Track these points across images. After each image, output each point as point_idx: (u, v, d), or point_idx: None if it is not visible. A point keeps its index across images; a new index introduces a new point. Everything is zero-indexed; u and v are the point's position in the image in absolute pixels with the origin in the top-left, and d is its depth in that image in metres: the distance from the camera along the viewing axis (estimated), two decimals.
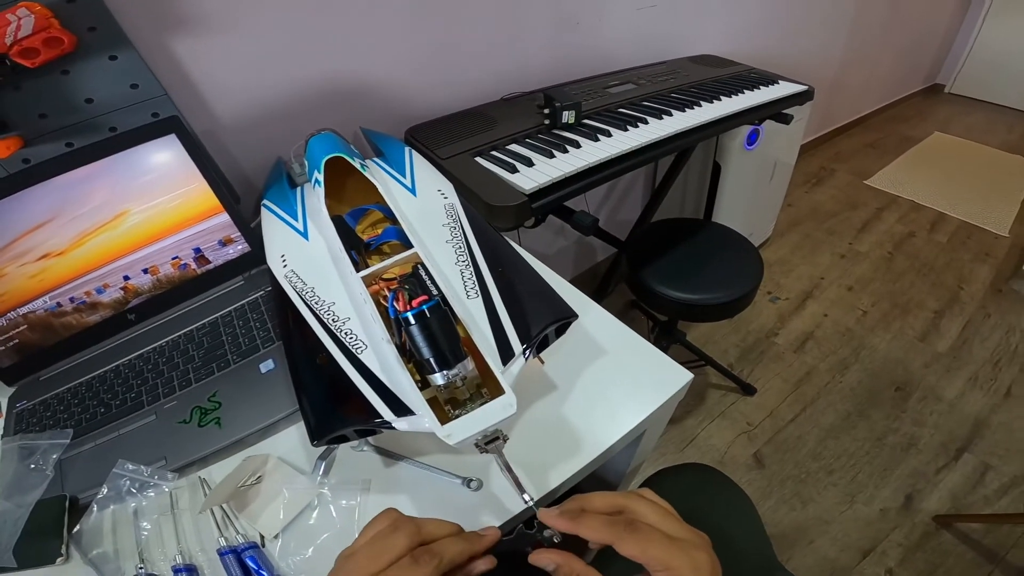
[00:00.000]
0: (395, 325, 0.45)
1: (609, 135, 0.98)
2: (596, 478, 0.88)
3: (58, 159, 0.64)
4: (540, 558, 0.37)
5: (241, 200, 0.86)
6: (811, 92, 1.27)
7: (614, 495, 0.40)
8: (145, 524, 0.55)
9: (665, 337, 1.57)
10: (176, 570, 0.50)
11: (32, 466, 0.60)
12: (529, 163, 0.89)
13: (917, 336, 1.87)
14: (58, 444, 0.63)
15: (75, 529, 0.54)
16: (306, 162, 0.75)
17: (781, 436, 1.58)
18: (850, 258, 2.24)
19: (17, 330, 0.70)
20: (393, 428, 0.43)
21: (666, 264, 1.27)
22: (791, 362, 1.80)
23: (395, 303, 0.43)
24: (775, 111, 1.21)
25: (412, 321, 0.41)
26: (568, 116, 1.01)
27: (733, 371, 1.72)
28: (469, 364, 0.43)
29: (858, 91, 3.02)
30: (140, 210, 0.69)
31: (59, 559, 0.52)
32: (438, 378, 0.42)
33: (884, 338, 1.87)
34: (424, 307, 0.41)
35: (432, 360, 0.41)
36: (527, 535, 0.38)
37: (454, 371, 0.41)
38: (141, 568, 0.51)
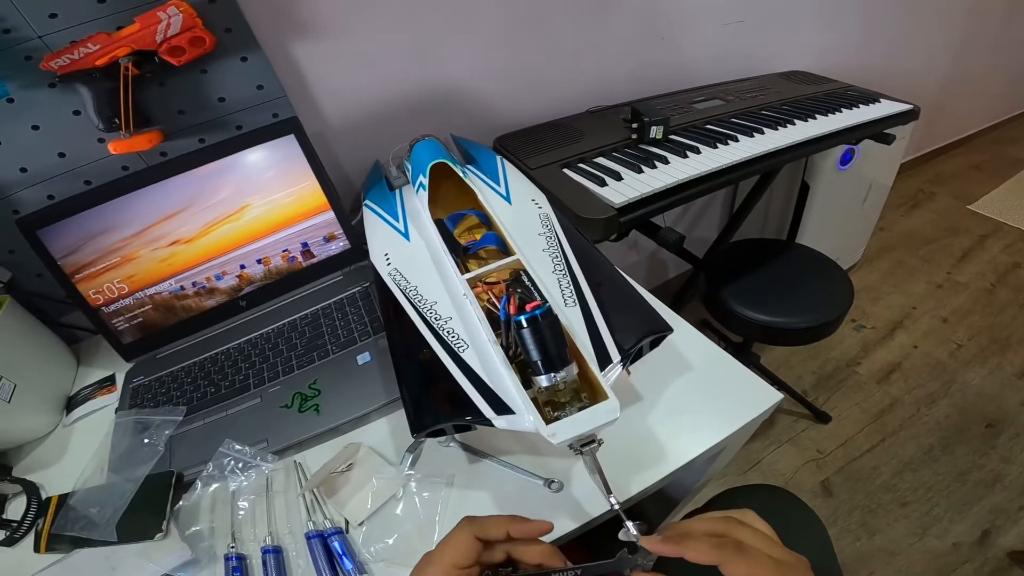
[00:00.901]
0: (503, 327, 0.47)
1: (698, 152, 0.97)
2: (660, 494, 0.88)
3: (193, 154, 0.71)
4: None
5: (340, 199, 0.92)
6: (916, 112, 1.20)
7: (712, 521, 0.40)
8: (243, 503, 0.57)
9: (737, 359, 1.52)
10: (265, 551, 0.52)
11: (146, 441, 0.64)
12: (618, 177, 0.89)
13: (1016, 373, 1.73)
14: (171, 420, 0.66)
15: (177, 505, 0.57)
16: (408, 165, 0.79)
17: (854, 466, 1.51)
18: (947, 288, 2.09)
19: (142, 309, 0.77)
20: (492, 425, 0.45)
21: (746, 284, 1.24)
22: (873, 393, 1.70)
23: (507, 307, 0.45)
24: (876, 131, 1.15)
25: (524, 325, 0.42)
26: (656, 131, 1.01)
27: (807, 398, 1.65)
28: (574, 369, 0.44)
29: (964, 109, 2.81)
30: (260, 204, 0.75)
31: (158, 535, 0.53)
32: (543, 380, 0.43)
33: (979, 373, 1.74)
34: (537, 312, 0.43)
35: (540, 363, 0.43)
36: (627, 559, 0.39)
37: (561, 374, 0.43)
38: (232, 547, 0.53)
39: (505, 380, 0.46)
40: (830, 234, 1.74)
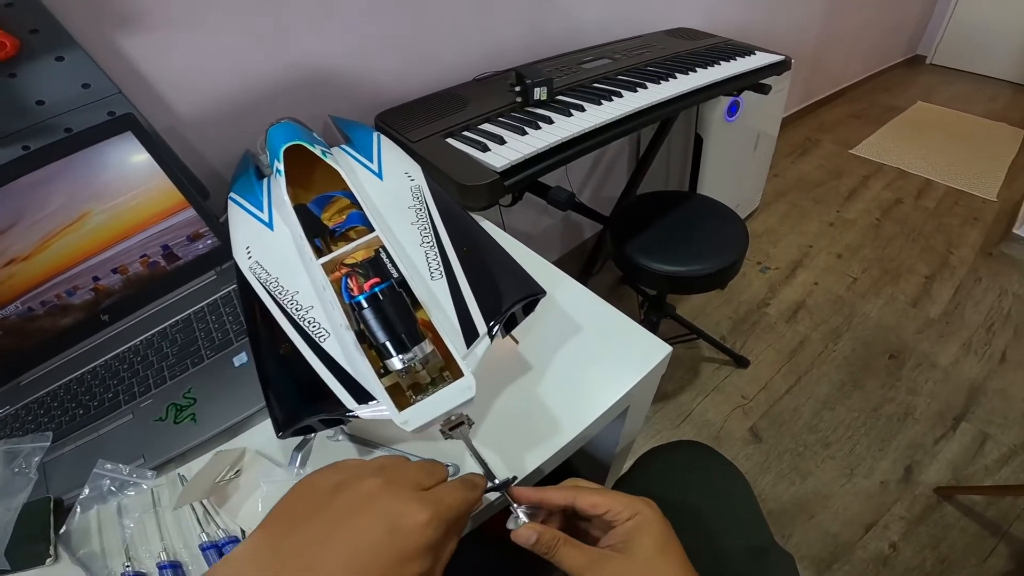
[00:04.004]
0: (350, 310, 0.44)
1: (583, 110, 0.97)
2: (587, 456, 0.88)
3: (14, 163, 0.63)
4: (520, 535, 0.39)
5: (211, 195, 0.85)
6: (788, 62, 1.25)
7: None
8: (128, 523, 0.55)
9: (655, 312, 1.56)
10: (161, 567, 0.50)
11: (16, 470, 0.61)
12: (501, 141, 0.87)
13: (909, 302, 1.87)
14: (39, 447, 0.63)
15: (62, 530, 0.55)
16: (268, 152, 0.74)
17: (776, 409, 1.57)
18: (838, 226, 2.23)
19: None
20: (357, 417, 0.42)
21: (650, 237, 1.26)
22: (783, 332, 1.79)
23: (349, 288, 0.42)
24: (752, 81, 1.19)
25: (364, 305, 0.40)
26: (540, 92, 0.99)
27: (726, 343, 1.71)
28: (428, 347, 0.42)
29: (840, 62, 3.01)
30: (103, 210, 0.68)
31: (48, 559, 0.52)
32: (396, 363, 0.41)
33: (875, 305, 1.87)
34: (376, 289, 0.40)
35: (388, 344, 0.40)
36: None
37: (410, 355, 0.41)
38: (128, 566, 0.51)
39: (361, 367, 0.43)
40: (727, 183, 1.80)
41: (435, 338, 0.43)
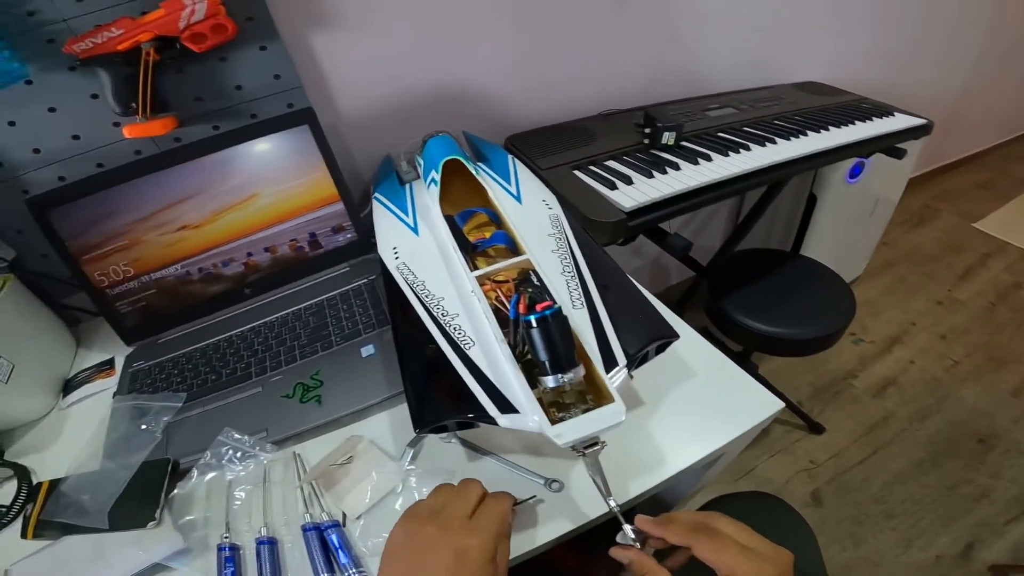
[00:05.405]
0: (512, 326, 0.47)
1: (709, 159, 0.97)
2: (653, 499, 0.88)
3: (207, 141, 0.71)
4: (619, 554, 0.42)
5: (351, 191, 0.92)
6: (929, 126, 1.20)
7: (697, 512, 0.44)
8: (239, 494, 0.57)
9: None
10: (259, 542, 0.52)
11: (143, 427, 0.63)
12: (628, 181, 0.89)
13: (1010, 391, 1.73)
14: (171, 407, 0.65)
15: (172, 493, 0.56)
16: (420, 161, 0.79)
17: (845, 477, 1.51)
18: (947, 305, 2.09)
19: (146, 293, 0.77)
20: (496, 424, 0.45)
21: (749, 294, 1.24)
22: (867, 406, 1.70)
23: (517, 305, 0.45)
24: (887, 144, 1.15)
25: (534, 324, 0.43)
26: (668, 137, 1.00)
27: (803, 408, 1.65)
28: (581, 371, 0.44)
29: (974, 126, 2.78)
30: (269, 193, 0.75)
31: (151, 523, 0.52)
32: (550, 381, 0.43)
33: (973, 390, 1.74)
34: (547, 312, 0.43)
35: (548, 363, 0.43)
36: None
37: (568, 376, 0.43)
38: (226, 537, 0.52)
39: (510, 379, 0.46)
40: (834, 247, 1.73)
41: (583, 362, 0.46)
